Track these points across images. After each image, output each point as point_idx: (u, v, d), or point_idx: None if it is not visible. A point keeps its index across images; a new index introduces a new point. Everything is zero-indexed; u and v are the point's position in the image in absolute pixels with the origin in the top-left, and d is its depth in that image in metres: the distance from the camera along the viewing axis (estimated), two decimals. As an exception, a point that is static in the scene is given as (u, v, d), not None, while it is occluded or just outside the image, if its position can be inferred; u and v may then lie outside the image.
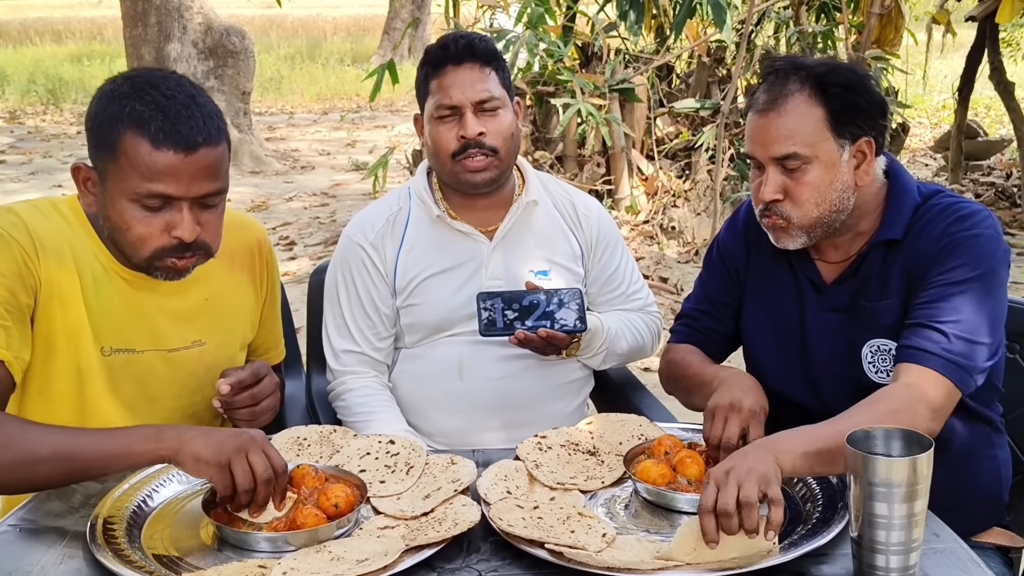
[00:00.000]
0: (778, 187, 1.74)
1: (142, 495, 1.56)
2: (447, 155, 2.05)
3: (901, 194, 1.80)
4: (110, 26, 19.67)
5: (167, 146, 1.57)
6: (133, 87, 1.61)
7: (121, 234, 1.65)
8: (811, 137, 1.71)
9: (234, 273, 1.89)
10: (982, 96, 10.89)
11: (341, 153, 10.82)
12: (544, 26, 5.73)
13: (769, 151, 1.74)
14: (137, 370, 1.76)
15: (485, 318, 1.94)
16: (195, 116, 1.60)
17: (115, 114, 1.60)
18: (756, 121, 1.76)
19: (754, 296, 1.95)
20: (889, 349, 1.76)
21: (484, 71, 2.04)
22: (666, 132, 6.84)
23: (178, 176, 1.59)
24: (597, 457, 1.71)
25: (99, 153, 1.63)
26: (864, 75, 1.78)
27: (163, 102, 1.59)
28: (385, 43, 17.44)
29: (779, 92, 1.73)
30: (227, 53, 9.61)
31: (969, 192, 7.44)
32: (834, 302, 1.82)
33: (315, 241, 7.00)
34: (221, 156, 1.65)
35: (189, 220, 1.62)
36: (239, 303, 1.91)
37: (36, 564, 1.39)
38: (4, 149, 10.97)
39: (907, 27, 6.37)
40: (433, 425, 2.11)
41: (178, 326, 1.78)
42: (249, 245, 1.92)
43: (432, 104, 2.06)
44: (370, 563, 1.34)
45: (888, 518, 1.28)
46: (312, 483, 1.55)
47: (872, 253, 1.79)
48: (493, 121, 2.04)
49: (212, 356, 1.84)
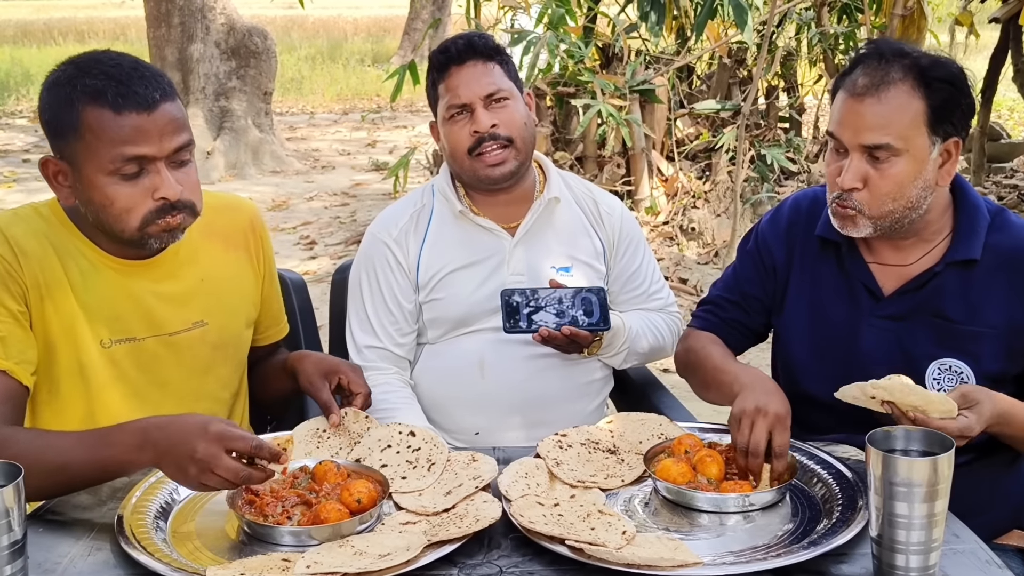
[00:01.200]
0: (860, 175, 1.69)
1: (168, 488, 1.58)
2: (463, 153, 2.06)
3: (972, 210, 1.78)
4: (133, 27, 19.80)
5: (128, 108, 1.60)
6: (78, 67, 1.65)
7: (105, 211, 1.66)
8: (907, 130, 1.66)
9: (229, 253, 1.91)
10: (1005, 98, 10.81)
11: (361, 153, 10.86)
12: (565, 27, 5.73)
13: (860, 138, 1.68)
14: (141, 358, 1.78)
15: (509, 315, 1.95)
16: (145, 76, 1.63)
17: (68, 95, 1.62)
18: (850, 104, 1.69)
19: (796, 296, 1.91)
20: (961, 372, 1.74)
21: (488, 65, 2.07)
22: (686, 133, 6.84)
23: (147, 135, 1.61)
24: (617, 456, 1.72)
25: (63, 140, 1.65)
26: (965, 73, 1.73)
27: (112, 70, 1.62)
28: (405, 44, 17.49)
29: (881, 78, 1.67)
30: (249, 53, 9.67)
31: (992, 195, 7.39)
32: (893, 311, 1.80)
33: (335, 241, 7.03)
34: (180, 109, 1.68)
35: (169, 178, 1.65)
36: (238, 282, 1.93)
37: (65, 555, 1.41)
38: (28, 148, 11.07)
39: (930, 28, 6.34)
40: (454, 423, 2.12)
41: (176, 309, 1.80)
42: (241, 225, 1.95)
43: (443, 106, 2.09)
44: (392, 557, 1.35)
45: (908, 518, 1.29)
46: (335, 479, 1.57)
47: (947, 272, 1.76)
48: (504, 112, 2.06)
49: (216, 335, 1.86)
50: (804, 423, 1.84)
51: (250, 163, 9.69)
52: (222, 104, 9.62)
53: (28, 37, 21.00)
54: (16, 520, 1.26)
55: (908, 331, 1.79)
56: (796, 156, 6.92)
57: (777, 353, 1.99)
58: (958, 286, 1.76)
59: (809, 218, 1.91)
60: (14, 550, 1.27)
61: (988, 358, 1.74)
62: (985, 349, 1.74)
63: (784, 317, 1.94)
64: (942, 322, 1.76)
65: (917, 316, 1.78)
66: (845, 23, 6.79)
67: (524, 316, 1.95)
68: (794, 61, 7.27)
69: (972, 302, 1.75)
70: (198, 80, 9.37)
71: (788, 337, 1.94)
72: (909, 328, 1.79)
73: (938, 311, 1.77)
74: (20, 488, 1.27)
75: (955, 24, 7.19)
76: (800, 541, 1.43)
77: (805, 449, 1.69)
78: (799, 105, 7.54)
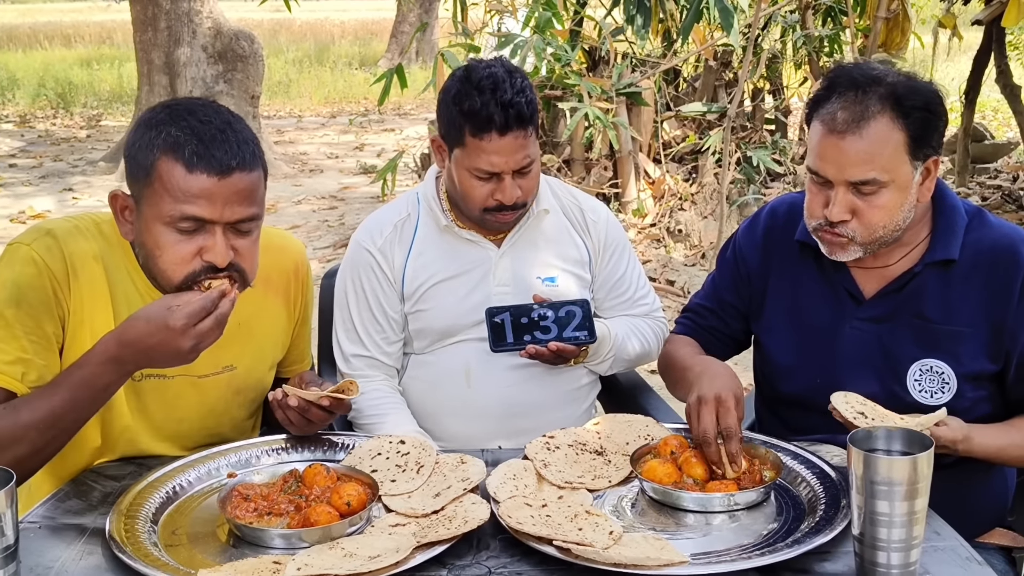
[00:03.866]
0: (848, 208, 1.71)
1: (160, 494, 1.60)
2: (478, 208, 2.04)
3: (951, 212, 1.79)
4: (119, 30, 19.76)
5: (201, 169, 1.58)
6: (170, 114, 1.63)
7: (154, 260, 1.64)
8: (890, 162, 1.68)
9: (268, 297, 1.90)
10: (989, 99, 10.88)
11: (349, 156, 10.86)
12: (551, 30, 5.75)
13: (845, 174, 1.69)
14: (166, 394, 1.78)
15: (494, 334, 1.96)
16: (230, 141, 1.61)
17: (151, 140, 1.61)
18: (832, 141, 1.69)
19: (775, 301, 1.94)
20: (942, 372, 1.76)
21: (526, 133, 1.98)
22: (673, 136, 6.88)
23: (212, 199, 1.59)
24: (604, 457, 1.74)
25: (135, 180, 1.64)
26: (938, 91, 1.73)
27: (198, 127, 1.60)
28: (393, 47, 17.50)
29: (860, 113, 1.67)
30: (236, 57, 9.66)
31: (976, 196, 7.44)
32: (875, 313, 1.82)
33: (324, 244, 7.04)
34: (256, 182, 1.66)
35: (222, 244, 1.62)
36: (271, 326, 1.92)
37: (57, 560, 1.42)
38: (15, 153, 11.03)
39: (913, 30, 6.38)
40: (442, 431, 2.13)
41: (210, 352, 1.71)
42: (285, 268, 1.94)
43: (467, 160, 2.00)
44: (382, 559, 1.36)
45: (889, 516, 1.31)
46: (324, 482, 1.58)
47: (926, 272, 1.78)
48: (527, 180, 2.03)
49: (242, 380, 1.87)
50: (787, 424, 1.86)
51: (238, 167, 9.68)
52: (209, 108, 9.61)
53: (14, 41, 20.92)
54: (8, 525, 1.27)
55: (890, 332, 1.81)
56: (782, 158, 6.96)
57: (758, 358, 2.01)
58: (937, 286, 1.78)
59: (787, 224, 1.93)
60: (7, 555, 1.28)
61: (967, 358, 1.77)
62: (964, 349, 1.76)
63: (763, 322, 1.96)
64: (922, 323, 1.79)
65: (898, 317, 1.81)
66: (830, 26, 6.84)
67: (510, 334, 1.96)
68: (779, 63, 7.31)
69: (951, 302, 1.77)
70: (185, 84, 9.36)
71: (769, 341, 1.96)
72: (890, 329, 1.81)
73: (918, 312, 1.79)
74: (13, 493, 1.28)
75: (938, 26, 7.25)
76: (784, 540, 1.45)
77: (789, 449, 1.71)
78: (785, 107, 7.59)
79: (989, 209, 6.98)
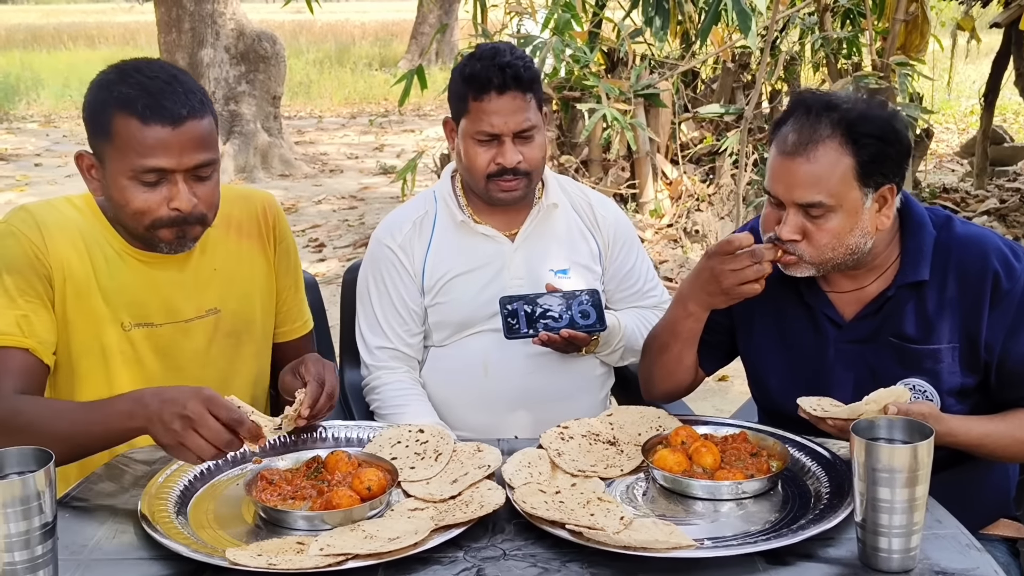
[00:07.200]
0: (797, 229, 1.74)
1: (188, 476, 1.66)
2: (481, 175, 2.12)
3: (918, 231, 1.81)
4: (143, 31, 19.92)
5: (155, 121, 1.69)
6: (119, 74, 1.75)
7: (122, 210, 1.77)
8: (837, 187, 1.70)
9: (242, 242, 1.99)
10: (1009, 102, 10.84)
11: (369, 157, 10.94)
12: (571, 32, 5.79)
13: (793, 195, 1.73)
14: (158, 343, 1.88)
15: (508, 322, 2.02)
16: (177, 92, 1.72)
17: (105, 99, 1.73)
18: (782, 162, 1.73)
19: (762, 324, 1.95)
20: (924, 390, 1.79)
21: (526, 98, 2.08)
22: (690, 137, 6.90)
23: (169, 149, 1.71)
24: (617, 446, 1.78)
25: (96, 138, 1.76)
26: (895, 119, 1.74)
27: (147, 82, 1.72)
28: (413, 48, 17.57)
29: (809, 136, 1.70)
30: (258, 58, 9.76)
31: (994, 198, 7.43)
32: (856, 335, 1.84)
33: (344, 243, 7.10)
34: (208, 128, 1.76)
35: (185, 191, 1.74)
36: (249, 270, 2.00)
37: (91, 538, 1.49)
38: (40, 152, 11.17)
39: (933, 33, 6.38)
40: (461, 421, 2.19)
41: (191, 297, 1.90)
42: (254, 213, 2.02)
43: (470, 125, 2.10)
44: (401, 540, 1.42)
45: (890, 502, 1.35)
46: (346, 468, 1.64)
47: (899, 294, 1.80)
48: (529, 147, 2.11)
49: (230, 323, 1.95)
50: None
51: (259, 167, 9.78)
52: (231, 108, 9.72)
53: (38, 42, 21.14)
54: (47, 503, 1.33)
55: (873, 353, 1.83)
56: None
57: (751, 379, 2.03)
58: (912, 306, 1.80)
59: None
60: (45, 531, 1.34)
61: (947, 374, 1.78)
62: (943, 367, 1.78)
63: (753, 346, 1.98)
64: (900, 343, 1.80)
65: (879, 338, 1.83)
66: (848, 28, 6.84)
67: (523, 322, 2.02)
68: (797, 65, 7.32)
69: (928, 320, 1.79)
70: (208, 84, 9.46)
71: (761, 365, 1.97)
72: (874, 350, 1.83)
73: (897, 332, 1.81)
74: (51, 473, 1.34)
75: (957, 29, 7.23)
76: (790, 526, 1.50)
77: (797, 441, 1.76)
78: (802, 109, 7.57)
79: (1007, 212, 6.99)
